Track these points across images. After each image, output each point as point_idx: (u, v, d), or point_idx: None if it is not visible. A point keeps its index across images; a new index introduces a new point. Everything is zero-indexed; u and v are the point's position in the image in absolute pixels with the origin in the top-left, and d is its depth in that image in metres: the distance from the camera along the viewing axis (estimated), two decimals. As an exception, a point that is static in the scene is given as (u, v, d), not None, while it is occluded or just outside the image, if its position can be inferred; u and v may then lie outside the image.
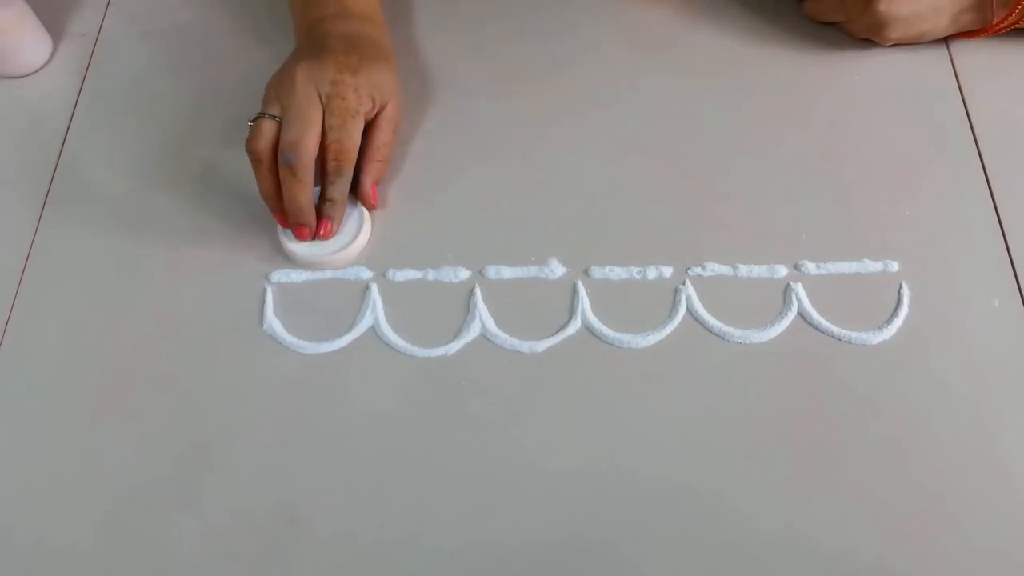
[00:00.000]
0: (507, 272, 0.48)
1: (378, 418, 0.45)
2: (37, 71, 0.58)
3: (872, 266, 0.47)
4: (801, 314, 0.46)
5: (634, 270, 0.48)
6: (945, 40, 0.55)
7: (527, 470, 0.43)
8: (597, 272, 0.48)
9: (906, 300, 0.46)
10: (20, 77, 0.58)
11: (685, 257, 0.48)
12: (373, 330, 0.47)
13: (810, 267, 0.48)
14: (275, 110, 0.47)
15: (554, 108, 0.54)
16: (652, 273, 0.48)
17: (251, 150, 0.46)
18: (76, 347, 0.47)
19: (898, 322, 0.46)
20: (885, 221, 0.49)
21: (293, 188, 0.46)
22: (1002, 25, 0.51)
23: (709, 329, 0.46)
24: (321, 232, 0.48)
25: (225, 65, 0.58)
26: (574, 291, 0.48)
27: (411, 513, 0.42)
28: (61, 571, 0.42)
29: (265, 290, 0.48)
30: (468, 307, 0.48)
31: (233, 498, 0.43)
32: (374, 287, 0.48)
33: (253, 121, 0.47)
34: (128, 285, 0.49)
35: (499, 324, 0.47)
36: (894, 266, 0.47)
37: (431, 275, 0.49)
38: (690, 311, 0.47)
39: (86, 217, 0.52)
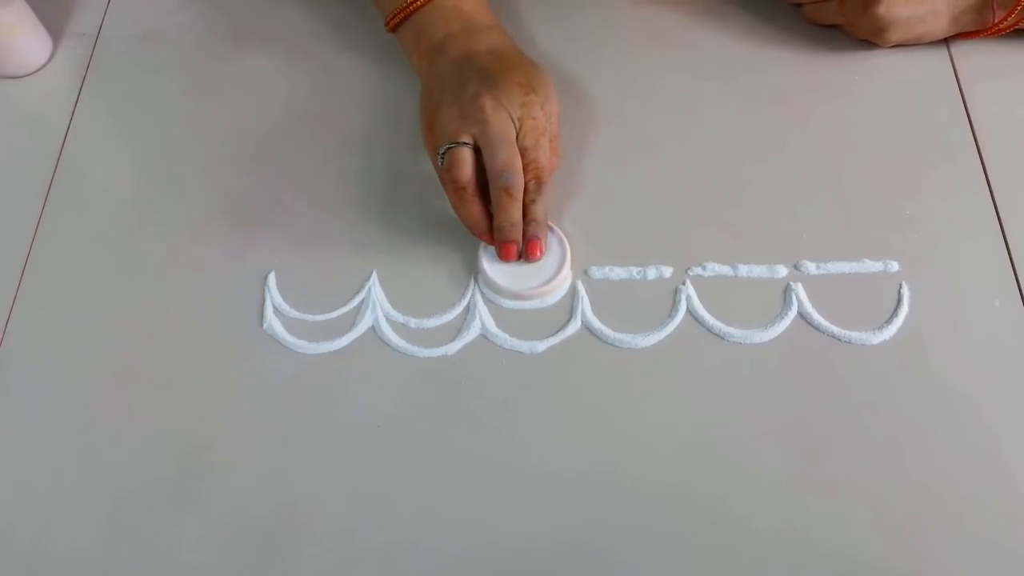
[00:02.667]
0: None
1: (378, 418, 0.45)
2: (37, 71, 0.58)
3: (872, 266, 0.47)
4: (801, 314, 0.46)
5: (634, 270, 0.48)
6: (945, 41, 0.55)
7: (527, 470, 0.43)
8: (597, 272, 0.48)
9: (906, 300, 0.46)
10: (20, 77, 0.58)
11: (685, 257, 0.48)
12: (373, 330, 0.47)
13: (810, 267, 0.48)
14: (466, 138, 0.47)
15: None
16: (652, 273, 0.48)
17: (456, 179, 0.46)
18: (76, 347, 0.47)
19: (898, 322, 0.46)
20: (885, 221, 0.49)
21: (509, 208, 0.46)
22: (1002, 26, 0.51)
23: (709, 329, 0.46)
24: (533, 253, 0.46)
25: (225, 65, 0.58)
26: (574, 291, 0.48)
27: (411, 513, 0.42)
28: (61, 571, 0.42)
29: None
30: (468, 307, 0.48)
31: (233, 498, 0.43)
32: (375, 284, 0.48)
33: (444, 153, 0.47)
34: (128, 285, 0.49)
35: (499, 324, 0.47)
36: (894, 266, 0.47)
37: (431, 275, 0.49)
38: (690, 311, 0.47)
39: (86, 217, 0.52)
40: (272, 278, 0.49)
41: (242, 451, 0.44)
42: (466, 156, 0.46)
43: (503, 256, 0.46)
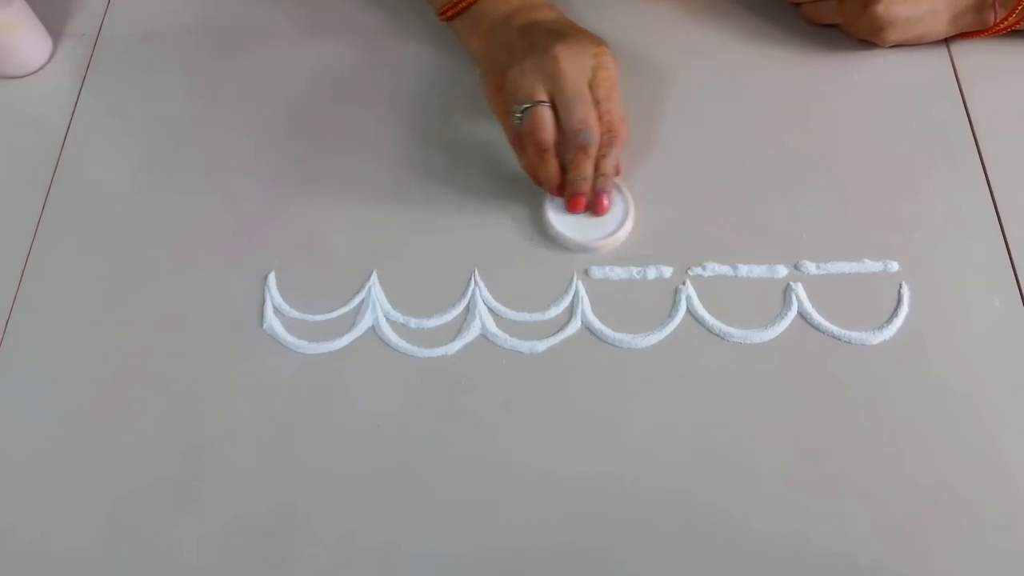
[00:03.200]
0: (507, 272, 0.49)
1: (378, 418, 0.45)
2: (37, 71, 0.58)
3: (872, 266, 0.47)
4: (801, 314, 0.46)
5: (634, 270, 0.48)
6: (945, 40, 0.55)
7: (527, 470, 0.43)
8: (597, 272, 0.48)
9: (906, 300, 0.46)
10: (20, 77, 0.58)
11: (685, 257, 0.48)
12: (373, 330, 0.47)
13: (810, 267, 0.48)
14: (542, 96, 0.47)
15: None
16: (652, 273, 0.48)
17: (539, 141, 0.47)
18: (76, 347, 0.47)
19: (898, 322, 0.46)
20: (885, 221, 0.49)
21: (585, 164, 0.47)
22: (1002, 26, 0.51)
23: (709, 329, 0.46)
24: (601, 207, 0.47)
25: (225, 65, 0.58)
26: (575, 291, 0.48)
27: (410, 512, 0.42)
28: (61, 571, 0.42)
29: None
30: (468, 307, 0.48)
31: (233, 498, 0.43)
32: (375, 284, 0.48)
33: (523, 112, 0.47)
34: (128, 285, 0.49)
35: (499, 324, 0.47)
36: (894, 266, 0.47)
37: (431, 275, 0.49)
38: (690, 311, 0.47)
39: (86, 217, 0.52)
40: (272, 278, 0.49)
41: (242, 451, 0.44)
42: (547, 115, 0.47)
43: (571, 208, 0.47)
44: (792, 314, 0.46)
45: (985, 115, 0.52)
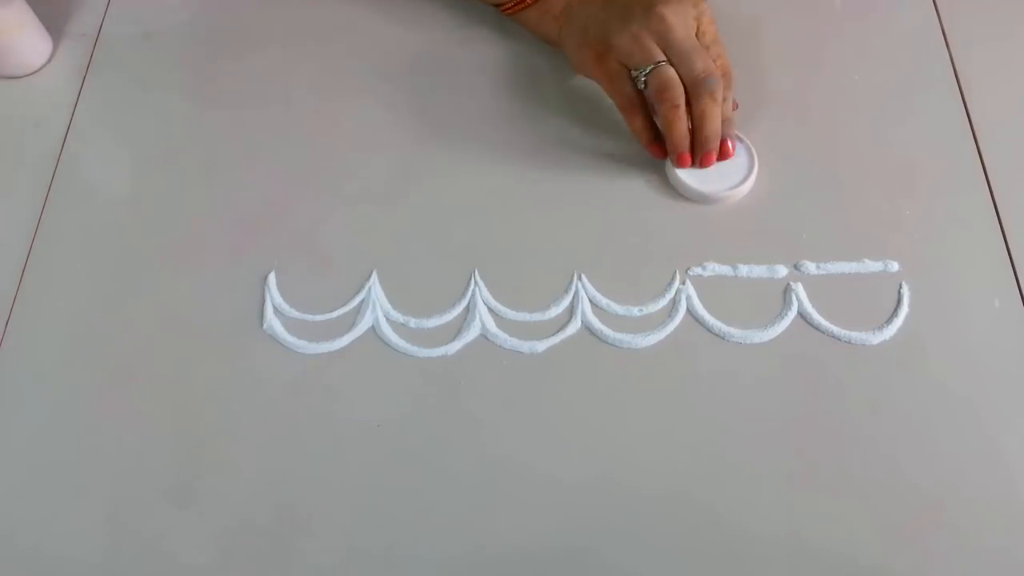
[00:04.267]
0: (507, 272, 0.49)
1: (378, 418, 0.45)
2: (37, 71, 0.58)
3: (872, 266, 0.47)
4: (801, 314, 0.46)
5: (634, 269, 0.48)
6: (945, 39, 0.55)
7: (527, 470, 0.43)
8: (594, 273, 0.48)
9: (906, 300, 0.46)
10: (20, 77, 0.58)
11: (685, 257, 0.48)
12: (373, 330, 0.47)
13: (810, 267, 0.48)
14: (660, 56, 0.47)
15: (558, 109, 0.54)
16: (651, 273, 0.48)
17: (673, 97, 0.47)
18: (76, 347, 0.47)
19: (898, 322, 0.46)
20: (885, 221, 0.49)
21: (714, 114, 0.47)
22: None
23: (709, 329, 0.46)
24: (727, 152, 0.48)
25: (225, 65, 0.58)
26: (575, 291, 0.48)
27: (410, 513, 0.42)
28: (61, 571, 0.42)
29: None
30: (468, 307, 0.48)
31: (233, 498, 0.43)
32: (375, 284, 0.48)
33: (647, 75, 0.47)
34: (128, 285, 0.49)
35: (499, 324, 0.47)
36: (894, 266, 0.47)
37: (431, 275, 0.49)
38: (690, 311, 0.47)
39: (86, 217, 0.52)
40: (272, 278, 0.49)
41: (242, 451, 0.44)
42: (672, 73, 0.47)
43: (703, 163, 0.48)
44: (792, 314, 0.46)
45: (985, 115, 0.52)
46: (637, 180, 0.51)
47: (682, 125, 0.48)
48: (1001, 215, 0.49)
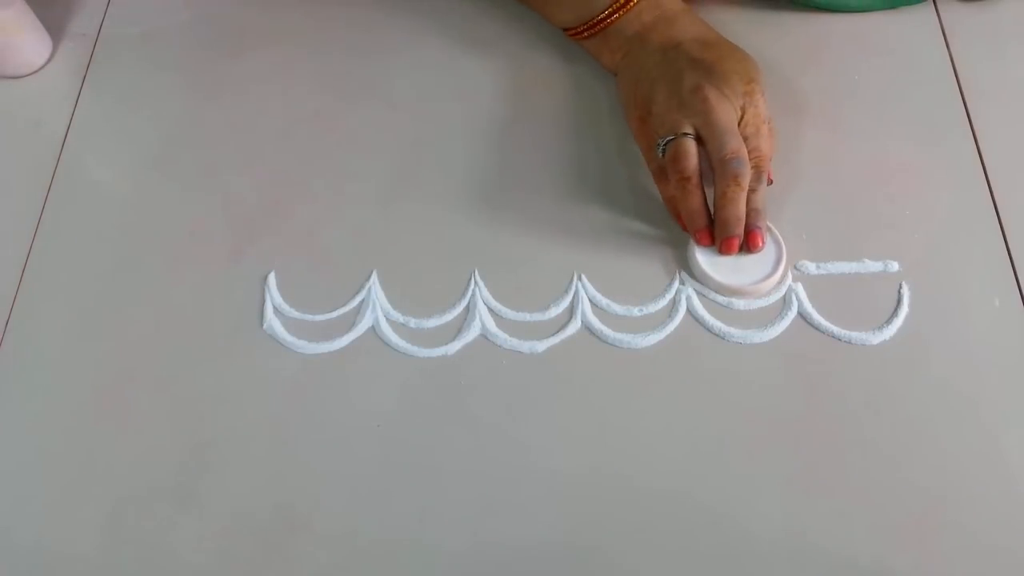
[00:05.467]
0: (507, 272, 0.49)
1: (378, 418, 0.45)
2: (37, 71, 0.58)
3: (872, 266, 0.47)
4: (801, 314, 0.46)
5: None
6: (946, 39, 0.55)
7: (527, 470, 0.43)
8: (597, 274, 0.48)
9: (906, 300, 0.46)
10: (20, 77, 0.58)
11: (685, 257, 0.48)
12: (373, 330, 0.47)
13: (810, 267, 0.48)
14: (687, 128, 0.46)
15: (558, 109, 0.54)
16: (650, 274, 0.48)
17: (682, 169, 0.46)
18: (76, 347, 0.47)
19: (898, 322, 0.46)
20: (885, 221, 0.49)
21: (738, 199, 0.45)
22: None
23: (709, 329, 0.46)
24: (755, 243, 0.46)
25: (225, 65, 0.58)
26: (575, 291, 0.48)
27: (411, 513, 0.42)
28: (61, 572, 0.42)
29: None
30: (468, 307, 0.48)
31: (233, 498, 0.43)
32: (375, 284, 0.48)
33: (667, 144, 0.46)
34: (128, 285, 0.49)
35: (499, 324, 0.47)
36: (894, 266, 0.47)
37: (431, 275, 0.49)
38: (690, 311, 0.47)
39: (86, 217, 0.52)
40: (272, 278, 0.49)
41: (242, 451, 0.44)
42: (691, 146, 0.46)
43: (725, 250, 0.46)
44: (792, 314, 0.46)
45: (986, 115, 0.52)
46: (637, 180, 0.51)
47: (693, 199, 0.46)
48: (1001, 215, 0.49)
